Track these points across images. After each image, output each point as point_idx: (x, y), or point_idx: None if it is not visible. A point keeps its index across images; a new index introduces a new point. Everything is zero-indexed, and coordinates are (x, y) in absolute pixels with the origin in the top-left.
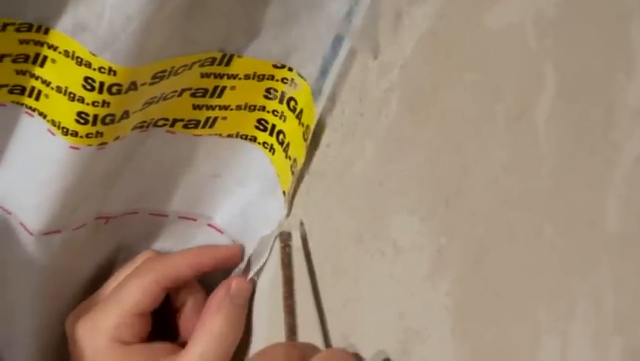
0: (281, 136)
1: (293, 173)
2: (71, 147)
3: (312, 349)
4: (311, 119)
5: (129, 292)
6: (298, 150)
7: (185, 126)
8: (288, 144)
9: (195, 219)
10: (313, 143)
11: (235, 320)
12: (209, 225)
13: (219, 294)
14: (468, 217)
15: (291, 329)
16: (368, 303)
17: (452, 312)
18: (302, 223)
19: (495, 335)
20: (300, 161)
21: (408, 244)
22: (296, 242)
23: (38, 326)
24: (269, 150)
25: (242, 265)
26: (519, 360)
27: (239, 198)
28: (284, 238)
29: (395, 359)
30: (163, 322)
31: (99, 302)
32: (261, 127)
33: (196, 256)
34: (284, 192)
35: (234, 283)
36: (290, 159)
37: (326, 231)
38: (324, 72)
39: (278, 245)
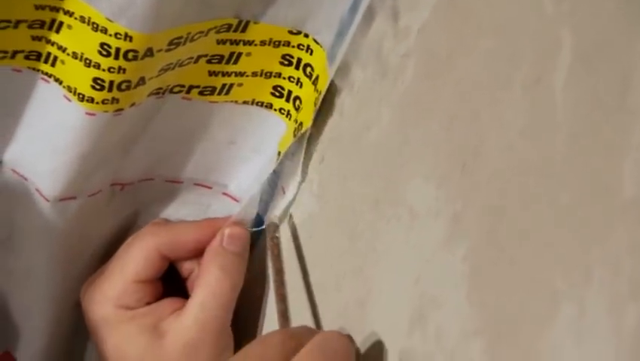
0: (297, 102)
1: (295, 135)
2: (86, 113)
3: (307, 332)
4: (325, 85)
5: (131, 260)
6: (307, 115)
7: (201, 93)
8: (302, 110)
9: (210, 187)
10: (329, 108)
11: (231, 269)
12: (224, 193)
13: (213, 244)
14: (484, 184)
15: (284, 315)
16: (384, 268)
17: (468, 278)
18: (291, 216)
19: (510, 301)
20: (306, 125)
21: (424, 210)
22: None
23: (54, 292)
24: (286, 116)
25: (242, 216)
26: (534, 327)
27: (255, 164)
28: (272, 229)
29: (411, 324)
30: (178, 291)
31: (106, 270)
32: (277, 94)
33: (201, 228)
34: (279, 153)
35: (227, 232)
36: (296, 122)
37: (342, 196)
38: (340, 37)
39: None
